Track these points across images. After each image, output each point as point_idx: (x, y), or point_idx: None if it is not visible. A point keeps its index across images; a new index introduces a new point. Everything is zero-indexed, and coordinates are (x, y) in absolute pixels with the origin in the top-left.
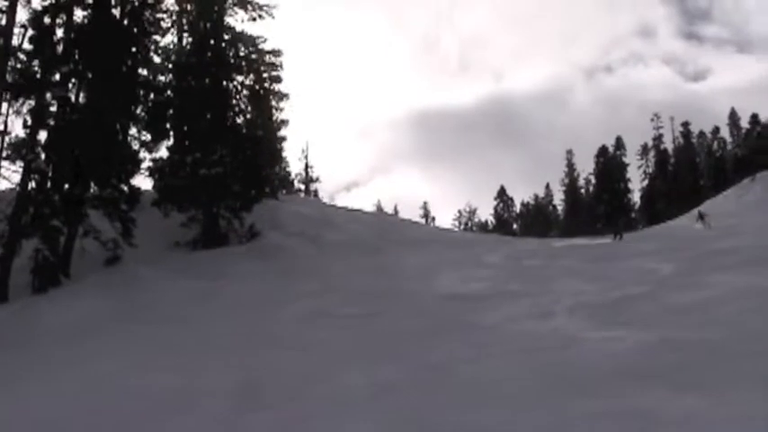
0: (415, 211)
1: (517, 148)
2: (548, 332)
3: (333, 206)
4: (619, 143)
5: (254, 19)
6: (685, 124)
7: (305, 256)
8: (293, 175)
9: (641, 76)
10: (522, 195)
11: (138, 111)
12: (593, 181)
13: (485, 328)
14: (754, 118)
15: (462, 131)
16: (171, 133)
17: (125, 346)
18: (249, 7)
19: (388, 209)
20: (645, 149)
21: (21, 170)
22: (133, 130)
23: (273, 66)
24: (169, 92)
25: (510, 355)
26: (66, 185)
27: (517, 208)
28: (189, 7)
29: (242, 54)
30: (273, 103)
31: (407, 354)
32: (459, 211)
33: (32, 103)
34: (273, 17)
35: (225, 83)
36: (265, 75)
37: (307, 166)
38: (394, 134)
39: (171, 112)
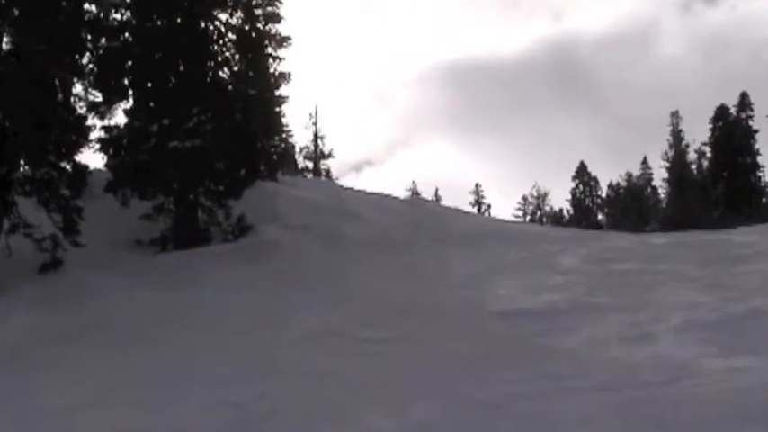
0: (455, 196)
1: (589, 109)
2: (645, 361)
3: (352, 190)
4: (743, 102)
5: None
6: None
7: (313, 258)
8: (298, 150)
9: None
10: (607, 174)
11: (85, 61)
12: (708, 154)
13: (557, 354)
14: None
15: (512, 89)
16: (130, 92)
17: (72, 376)
18: None
19: (426, 193)
20: None
21: None
22: (78, 88)
23: None
24: (127, 35)
25: (592, 393)
26: None
27: (603, 191)
28: None
29: None
30: (270, 50)
31: (449, 389)
32: (524, 197)
33: None
34: None
35: (203, 22)
36: (258, 11)
37: (316, 137)
38: (420, 96)
39: (130, 63)
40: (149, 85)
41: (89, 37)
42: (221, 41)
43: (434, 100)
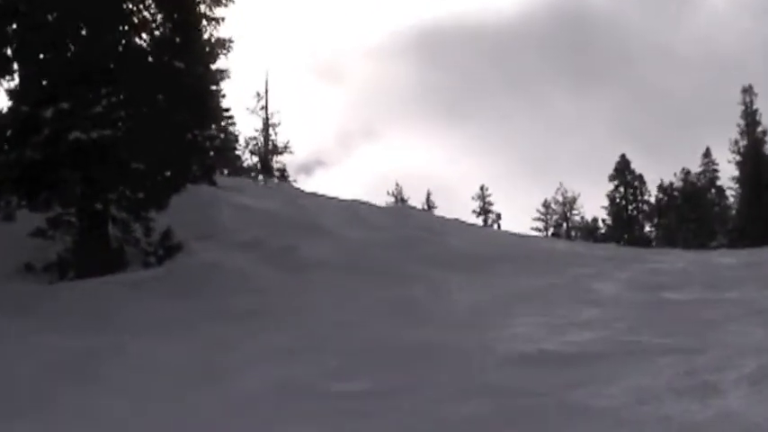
0: (444, 202)
1: (610, 86)
2: (709, 421)
3: (316, 195)
4: None
5: None
6: None
7: (267, 288)
8: (243, 143)
9: None
10: (654, 172)
11: None
12: None
13: (593, 415)
14: None
15: (503, 61)
16: (14, 66)
17: None
18: None
19: (415, 200)
20: None
21: None
22: None
23: None
24: None
25: None
26: None
27: (651, 194)
28: None
29: None
30: (204, 8)
31: None
32: (546, 204)
33: None
34: None
35: None
36: None
37: (267, 125)
38: (381, 72)
39: (14, 26)
40: (41, 56)
41: None
42: None
43: (401, 77)
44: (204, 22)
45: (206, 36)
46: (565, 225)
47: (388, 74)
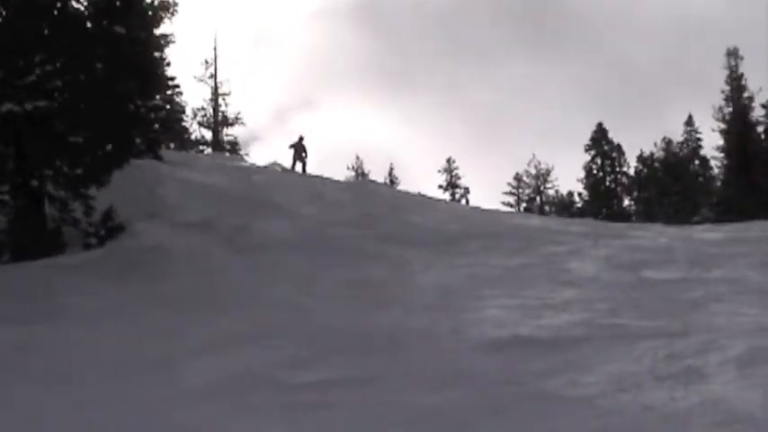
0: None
1: (575, 52)
2: (694, 409)
3: (272, 169)
4: None
5: None
6: None
7: (218, 271)
8: (190, 114)
9: None
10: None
11: None
12: None
13: (570, 403)
14: None
15: (455, 25)
16: None
17: None
18: None
19: (376, 174)
20: None
21: None
22: None
23: None
24: None
25: None
26: None
27: (631, 166)
28: None
29: None
30: None
31: None
32: (518, 177)
33: None
34: None
35: None
36: None
37: (216, 94)
38: (320, 40)
39: None
40: None
41: None
42: None
43: (341, 45)
44: None
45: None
46: (538, 199)
47: (325, 41)
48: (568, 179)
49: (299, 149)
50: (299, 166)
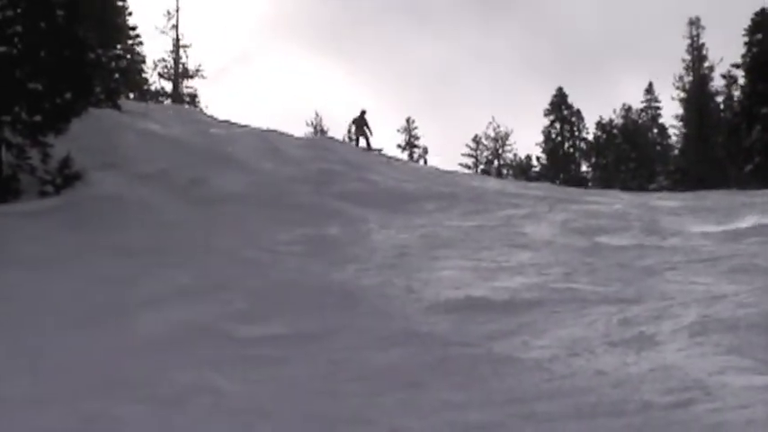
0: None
1: (523, 16)
2: (645, 375)
3: (228, 123)
4: None
5: None
6: None
7: (173, 222)
8: (150, 65)
9: None
10: (593, 108)
11: None
12: (741, 81)
13: (522, 366)
14: None
15: None
16: None
17: None
18: None
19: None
20: None
21: None
22: None
23: None
24: None
25: (571, 422)
26: None
27: (590, 132)
28: None
29: None
30: None
31: (370, 422)
32: (477, 139)
33: None
34: None
35: None
36: None
37: (177, 46)
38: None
39: None
40: None
41: None
42: None
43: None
44: None
45: None
46: (496, 162)
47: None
48: (528, 143)
49: (360, 125)
50: (362, 142)
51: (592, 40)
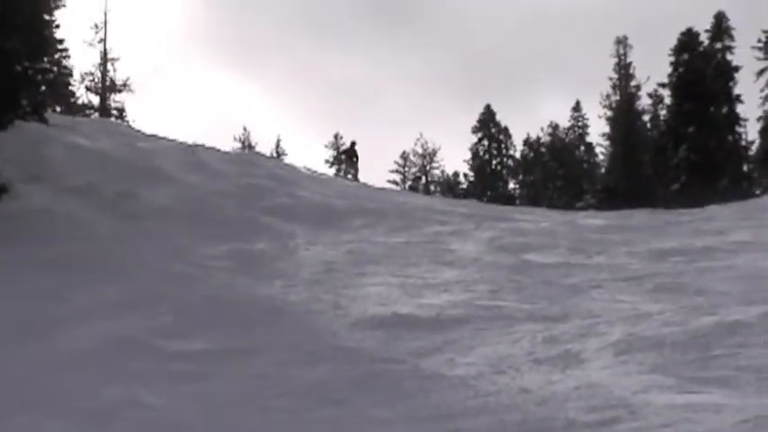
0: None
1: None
2: (569, 393)
3: (156, 138)
4: (719, 25)
5: None
6: None
7: (100, 236)
8: (78, 77)
9: None
10: (521, 126)
11: None
12: (667, 100)
13: (447, 383)
14: None
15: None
16: None
17: None
18: None
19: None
20: None
21: None
22: None
23: None
24: None
25: None
26: None
27: (517, 149)
28: None
29: None
30: None
31: None
32: (404, 156)
33: None
34: None
35: None
36: None
37: (105, 59)
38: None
39: None
40: None
41: None
42: None
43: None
44: None
45: None
46: (424, 179)
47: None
48: (456, 160)
49: (351, 155)
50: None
51: (512, 59)
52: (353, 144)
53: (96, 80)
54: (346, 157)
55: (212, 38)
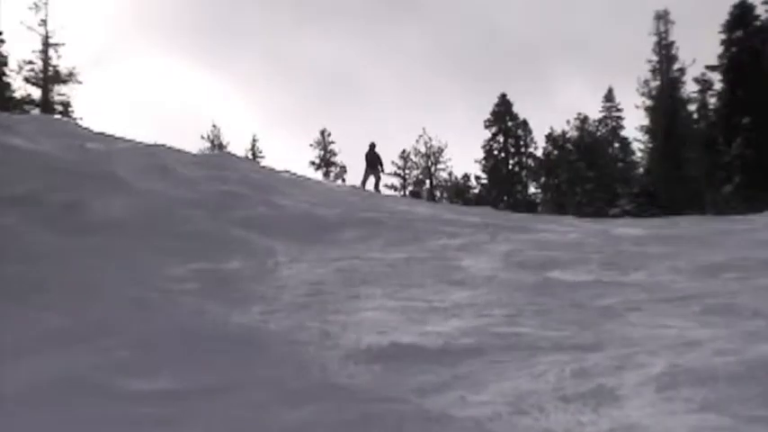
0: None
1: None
2: None
3: (109, 137)
4: None
5: None
6: None
7: (44, 254)
8: (15, 67)
9: None
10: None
11: None
12: (718, 86)
13: (459, 425)
14: None
15: None
16: None
17: None
18: None
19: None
20: None
21: None
22: None
23: None
24: None
25: None
26: None
27: (539, 146)
28: None
29: None
30: None
31: None
32: (405, 155)
33: None
34: None
35: None
36: None
37: (47, 45)
38: None
39: None
40: None
41: None
42: None
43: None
44: None
45: None
46: (428, 182)
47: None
48: (467, 160)
49: (372, 160)
50: (370, 181)
51: (530, 39)
52: (373, 146)
53: (37, 70)
54: (368, 163)
55: (173, 20)
